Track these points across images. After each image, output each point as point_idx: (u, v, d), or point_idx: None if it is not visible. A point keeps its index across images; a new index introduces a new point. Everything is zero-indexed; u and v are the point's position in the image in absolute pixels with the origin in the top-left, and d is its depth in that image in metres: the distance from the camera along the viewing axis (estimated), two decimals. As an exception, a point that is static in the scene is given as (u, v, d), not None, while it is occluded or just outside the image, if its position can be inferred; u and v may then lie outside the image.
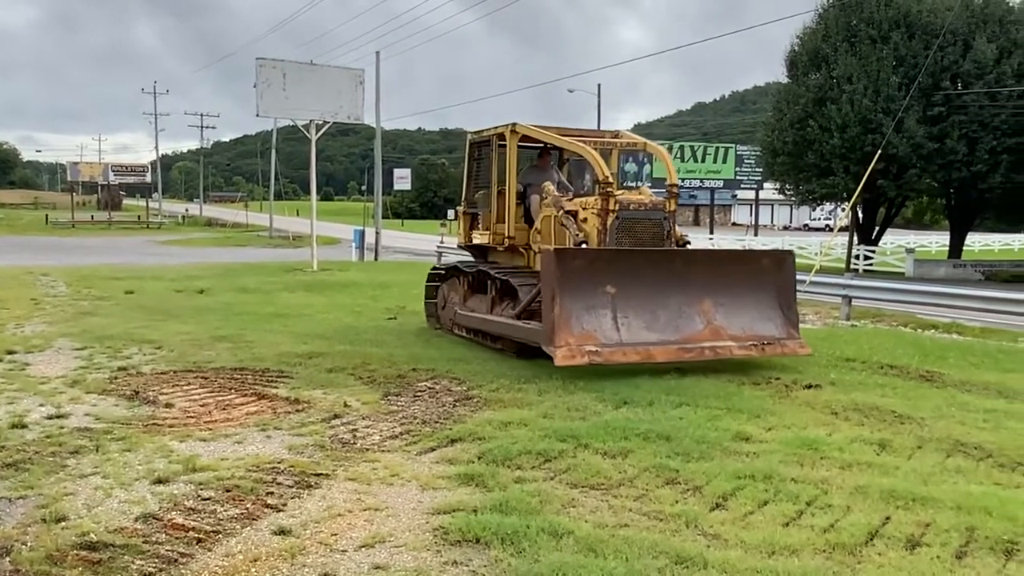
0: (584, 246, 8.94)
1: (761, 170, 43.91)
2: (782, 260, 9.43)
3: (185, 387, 7.78)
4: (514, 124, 10.30)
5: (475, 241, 11.46)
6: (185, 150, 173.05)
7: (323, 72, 24.54)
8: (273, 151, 52.30)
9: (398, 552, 4.09)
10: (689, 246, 9.95)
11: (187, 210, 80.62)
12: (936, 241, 49.88)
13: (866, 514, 4.59)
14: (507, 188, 10.51)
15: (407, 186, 54.65)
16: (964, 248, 38.91)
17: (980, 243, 53.29)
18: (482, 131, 11.19)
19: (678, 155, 46.50)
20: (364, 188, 59.15)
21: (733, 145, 52.87)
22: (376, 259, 31.27)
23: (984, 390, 8.22)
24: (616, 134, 11.01)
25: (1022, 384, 8.56)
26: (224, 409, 6.94)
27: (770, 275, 9.20)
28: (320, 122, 24.40)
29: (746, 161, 50.10)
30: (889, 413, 7.02)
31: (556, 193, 9.88)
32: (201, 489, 4.93)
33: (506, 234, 10.51)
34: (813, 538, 4.25)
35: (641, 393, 7.34)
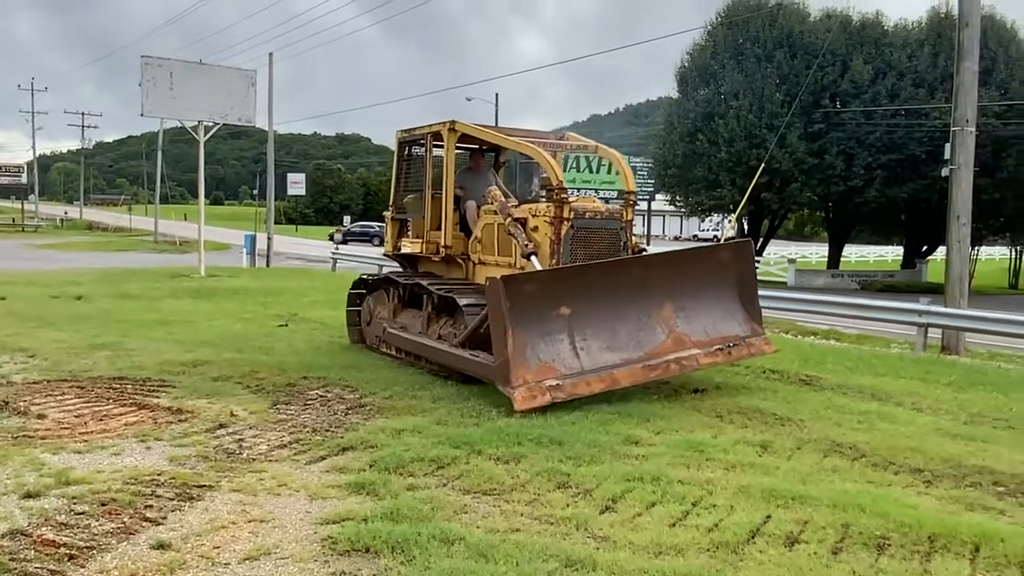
0: (534, 257, 8.21)
1: (653, 182, 45.15)
2: (740, 251, 8.82)
3: (59, 397, 7.38)
4: (453, 122, 9.52)
5: (405, 250, 10.42)
6: (65, 150, 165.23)
7: (213, 72, 23.83)
8: (159, 153, 50.49)
9: (284, 564, 3.98)
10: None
11: (66, 213, 76.99)
12: (816, 252, 52.19)
13: (748, 513, 4.73)
14: (444, 192, 9.62)
15: (301, 191, 53.76)
16: (841, 259, 40.88)
17: (856, 254, 56.06)
18: (414, 128, 10.28)
19: (573, 165, 47.23)
20: (256, 192, 57.78)
21: (626, 157, 53.99)
22: (268, 265, 30.55)
23: (859, 393, 8.62)
24: (561, 136, 10.32)
25: (894, 387, 9.04)
26: (101, 420, 6.62)
27: (729, 269, 8.57)
28: (209, 123, 23.67)
29: (639, 172, 51.18)
30: (771, 415, 7.28)
31: (502, 199, 9.11)
32: (74, 503, 4.69)
33: (442, 243, 9.60)
34: (698, 537, 4.35)
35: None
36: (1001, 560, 4.18)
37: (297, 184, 54.82)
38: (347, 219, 69.72)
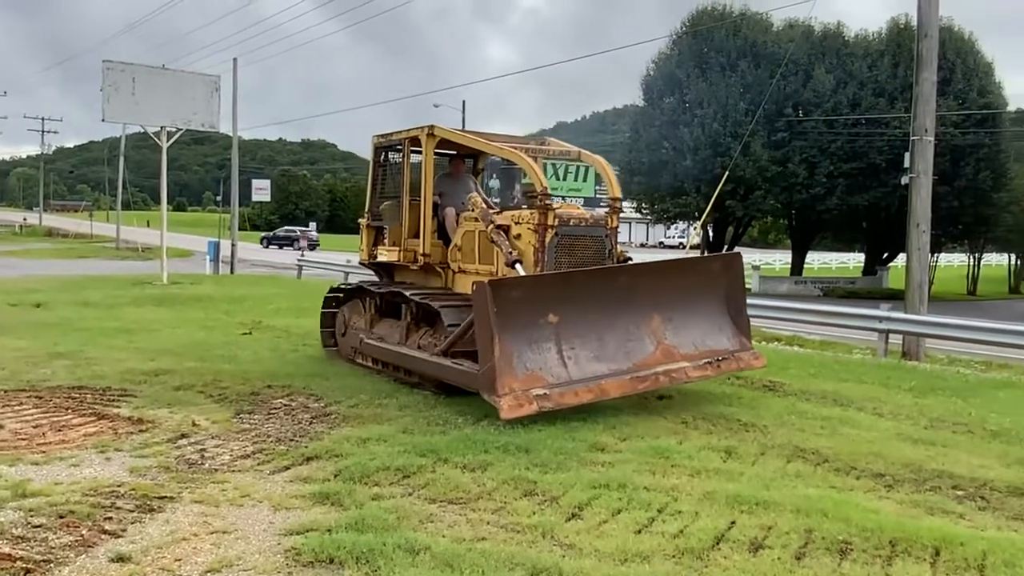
0: (518, 265, 7.97)
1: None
2: (730, 263, 8.72)
3: (17, 407, 7.23)
4: (431, 126, 9.30)
5: (381, 258, 10.13)
6: (24, 155, 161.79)
7: (176, 77, 23.59)
8: (121, 158, 49.80)
9: None
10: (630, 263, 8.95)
11: (25, 219, 75.57)
12: (779, 259, 52.77)
13: (713, 519, 4.76)
14: (422, 199, 9.34)
15: (266, 198, 53.28)
16: (804, 266, 41.39)
17: (819, 261, 56.76)
18: (391, 133, 9.97)
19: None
20: (220, 199, 57.45)
21: (591, 165, 54.23)
22: (232, 272, 30.24)
23: (821, 399, 8.72)
24: (543, 141, 10.00)
25: (855, 393, 9.16)
26: (60, 430, 6.49)
27: (718, 281, 8.46)
28: (172, 129, 23.41)
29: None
30: (735, 421, 7.34)
31: (484, 205, 8.82)
32: (32, 516, 4.59)
33: (421, 251, 9.32)
34: (663, 544, 4.37)
35: (501, 406, 7.36)
36: (961, 564, 4.24)
37: (262, 190, 54.34)
38: (312, 225, 69.74)
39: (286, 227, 68.29)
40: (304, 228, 66.34)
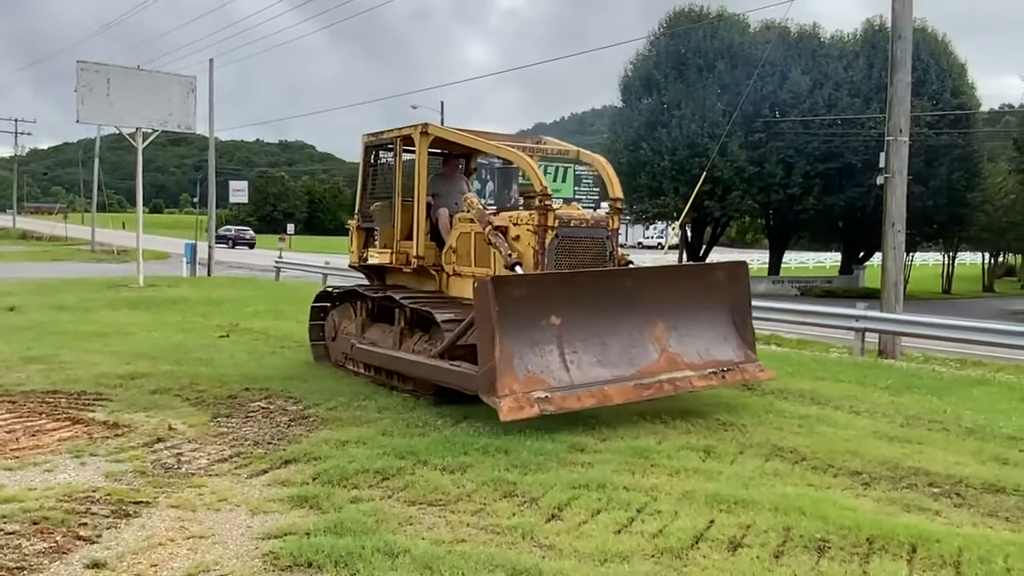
0: (518, 268, 7.75)
1: (598, 190, 45.49)
2: (735, 272, 8.44)
3: (-11, 413, 7.14)
4: (425, 125, 9.13)
5: (372, 261, 9.85)
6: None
7: (151, 78, 23.37)
8: (96, 160, 49.34)
9: (224, 580, 3.90)
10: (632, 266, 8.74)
11: (-2, 222, 74.71)
12: (757, 259, 53.00)
13: (692, 518, 4.77)
14: (415, 200, 9.12)
15: (244, 199, 53.20)
16: (782, 265, 41.65)
17: (796, 261, 57.12)
18: (382, 132, 9.71)
19: (520, 173, 47.25)
20: (197, 200, 57.27)
21: (572, 165, 54.35)
22: (209, 275, 30.02)
23: (799, 397, 8.78)
24: (538, 140, 9.76)
25: (832, 391, 9.22)
26: (33, 435, 6.41)
27: (723, 290, 8.24)
28: (148, 130, 23.18)
29: (584, 180, 51.54)
30: (714, 421, 7.37)
31: (480, 206, 8.57)
32: (5, 523, 4.52)
33: (414, 253, 9.08)
34: (643, 544, 4.37)
35: (481, 407, 7.34)
36: (937, 560, 4.28)
37: (239, 192, 54.26)
38: (290, 227, 69.84)
39: (225, 227, 70.55)
40: (240, 228, 69.14)
